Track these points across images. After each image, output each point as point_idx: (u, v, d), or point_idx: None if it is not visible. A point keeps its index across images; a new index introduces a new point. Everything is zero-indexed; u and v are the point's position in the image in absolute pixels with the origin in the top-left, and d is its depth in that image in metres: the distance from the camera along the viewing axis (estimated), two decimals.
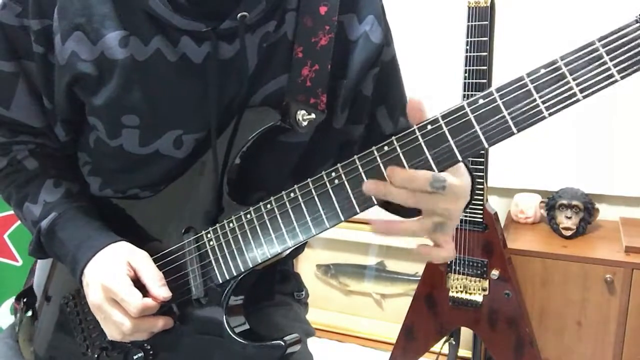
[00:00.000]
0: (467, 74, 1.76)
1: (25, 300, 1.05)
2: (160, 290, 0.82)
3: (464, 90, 1.76)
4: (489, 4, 1.71)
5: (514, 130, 0.68)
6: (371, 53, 0.90)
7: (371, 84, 0.93)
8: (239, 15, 0.80)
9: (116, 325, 0.82)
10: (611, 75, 0.64)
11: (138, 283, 0.83)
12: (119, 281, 0.81)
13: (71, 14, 0.82)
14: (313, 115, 0.84)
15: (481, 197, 1.83)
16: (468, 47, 1.75)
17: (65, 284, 0.96)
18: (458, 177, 0.73)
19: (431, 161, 0.71)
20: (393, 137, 0.72)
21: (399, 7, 2.30)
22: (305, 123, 0.84)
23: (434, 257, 0.76)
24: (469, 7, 1.73)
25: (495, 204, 2.03)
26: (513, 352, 1.88)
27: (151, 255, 0.87)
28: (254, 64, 0.85)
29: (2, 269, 1.97)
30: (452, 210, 0.73)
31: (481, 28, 1.73)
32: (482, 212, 1.84)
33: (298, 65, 0.86)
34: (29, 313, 1.05)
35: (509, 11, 2.06)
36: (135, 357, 0.88)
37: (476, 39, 1.73)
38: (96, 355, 0.91)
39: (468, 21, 1.74)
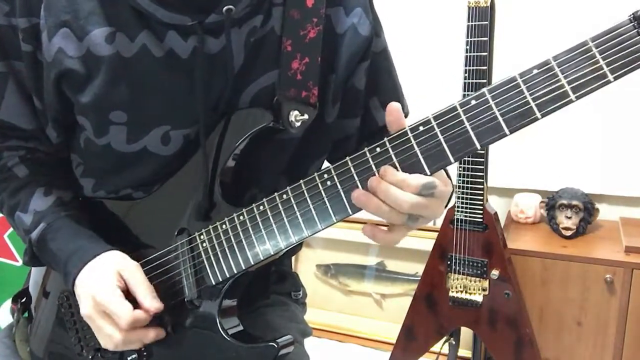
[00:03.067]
0: (467, 74, 1.76)
1: (22, 301, 1.05)
2: (152, 302, 0.82)
3: (464, 90, 1.76)
4: (489, 4, 1.70)
5: (506, 131, 0.68)
6: (360, 46, 0.90)
7: (364, 77, 0.93)
8: (224, 8, 0.80)
9: (107, 337, 0.82)
10: (604, 76, 0.63)
11: (129, 294, 0.83)
12: (108, 293, 0.81)
13: (57, 10, 0.82)
14: (306, 116, 0.84)
15: (481, 197, 1.82)
16: (468, 47, 1.74)
17: (60, 286, 0.96)
18: (444, 183, 0.74)
19: (423, 162, 0.71)
20: (385, 138, 0.72)
21: (399, 7, 2.30)
22: (298, 124, 0.83)
23: (380, 239, 0.77)
24: (469, 7, 1.73)
25: (495, 204, 2.03)
26: (513, 352, 1.88)
27: (145, 257, 0.87)
28: (241, 58, 0.85)
29: (2, 269, 1.98)
30: (432, 215, 0.74)
31: (481, 28, 1.72)
32: (482, 212, 1.83)
33: (288, 59, 0.85)
34: (25, 314, 1.05)
35: (509, 11, 2.05)
36: (129, 358, 0.89)
37: (476, 39, 1.73)
38: (90, 357, 0.91)
39: (468, 21, 1.73)
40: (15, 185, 0.92)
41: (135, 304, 0.82)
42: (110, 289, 0.81)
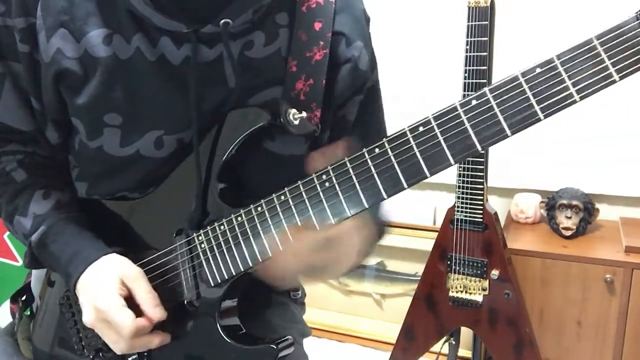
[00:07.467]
0: (467, 74, 1.76)
1: (23, 298, 1.05)
2: (155, 311, 0.81)
3: (464, 90, 1.76)
4: (489, 4, 1.70)
5: (508, 132, 0.66)
6: (358, 80, 0.90)
7: (355, 110, 0.93)
8: (221, 22, 0.80)
9: (112, 343, 0.82)
10: (609, 75, 0.62)
11: (131, 301, 0.82)
12: (110, 302, 0.80)
13: (55, 11, 0.81)
14: (304, 114, 0.83)
15: (481, 197, 1.82)
16: (468, 47, 1.74)
17: (61, 284, 0.96)
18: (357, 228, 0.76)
19: (422, 164, 0.70)
20: (384, 139, 0.71)
21: (399, 7, 2.30)
22: (296, 122, 0.83)
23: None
24: (469, 7, 1.73)
25: (495, 204, 2.03)
26: (513, 352, 1.88)
27: (143, 258, 0.87)
28: (234, 71, 0.84)
29: (2, 269, 1.97)
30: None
31: (481, 28, 1.72)
32: (482, 212, 1.84)
33: (292, 79, 0.85)
34: (27, 312, 1.04)
35: (509, 11, 2.05)
36: (129, 359, 0.89)
37: (476, 39, 1.73)
38: (91, 357, 0.91)
39: (468, 21, 1.73)
40: (13, 189, 0.91)
41: (139, 311, 0.81)
42: (112, 297, 0.80)
